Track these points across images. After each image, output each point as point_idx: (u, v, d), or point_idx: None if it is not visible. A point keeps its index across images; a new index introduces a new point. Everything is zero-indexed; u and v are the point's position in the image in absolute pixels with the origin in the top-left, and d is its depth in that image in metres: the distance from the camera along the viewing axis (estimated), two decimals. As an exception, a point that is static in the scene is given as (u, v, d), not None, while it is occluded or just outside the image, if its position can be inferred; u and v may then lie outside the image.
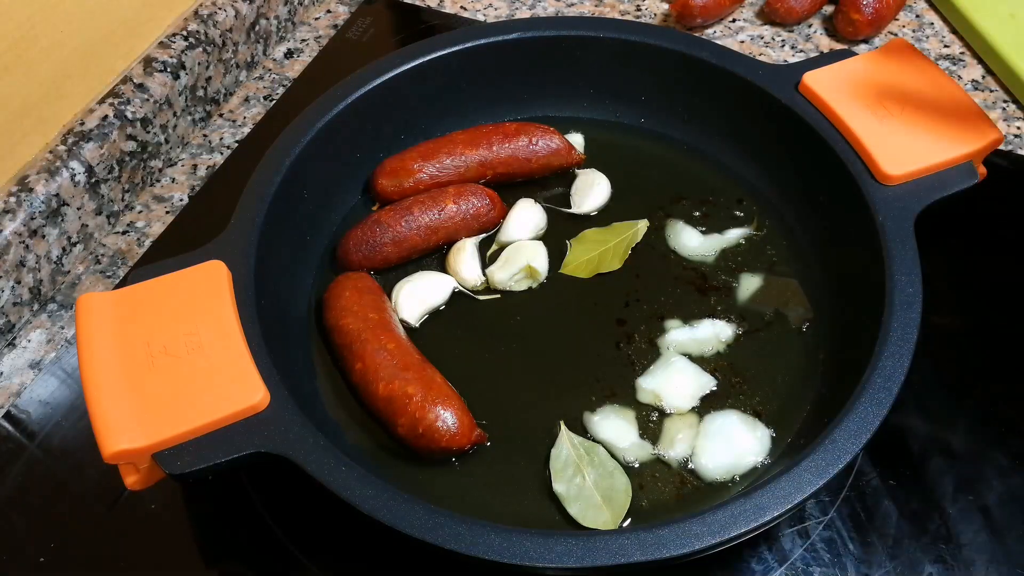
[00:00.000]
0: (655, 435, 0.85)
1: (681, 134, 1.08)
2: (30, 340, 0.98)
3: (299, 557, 0.81)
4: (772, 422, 0.85)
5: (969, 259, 1.01)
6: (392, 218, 0.96)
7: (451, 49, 1.04)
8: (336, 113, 0.98)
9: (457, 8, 1.35)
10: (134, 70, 1.09)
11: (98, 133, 1.03)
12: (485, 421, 0.85)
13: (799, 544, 0.81)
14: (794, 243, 0.99)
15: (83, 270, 1.04)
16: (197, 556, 0.83)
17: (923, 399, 0.89)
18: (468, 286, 0.97)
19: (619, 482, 0.81)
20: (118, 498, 0.85)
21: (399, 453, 0.84)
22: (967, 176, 0.89)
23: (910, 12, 1.30)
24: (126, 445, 0.70)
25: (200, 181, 1.13)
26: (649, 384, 0.88)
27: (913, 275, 0.82)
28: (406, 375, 0.83)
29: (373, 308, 0.89)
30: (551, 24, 1.08)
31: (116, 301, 0.79)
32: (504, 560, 0.67)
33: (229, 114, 1.21)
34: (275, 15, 1.27)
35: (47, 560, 0.82)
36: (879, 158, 0.89)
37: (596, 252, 0.99)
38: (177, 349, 0.76)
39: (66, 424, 0.90)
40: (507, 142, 1.02)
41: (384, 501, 0.69)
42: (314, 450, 0.72)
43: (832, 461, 0.71)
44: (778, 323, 0.93)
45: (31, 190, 0.97)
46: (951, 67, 1.22)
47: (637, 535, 0.68)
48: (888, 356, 0.77)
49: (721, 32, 1.29)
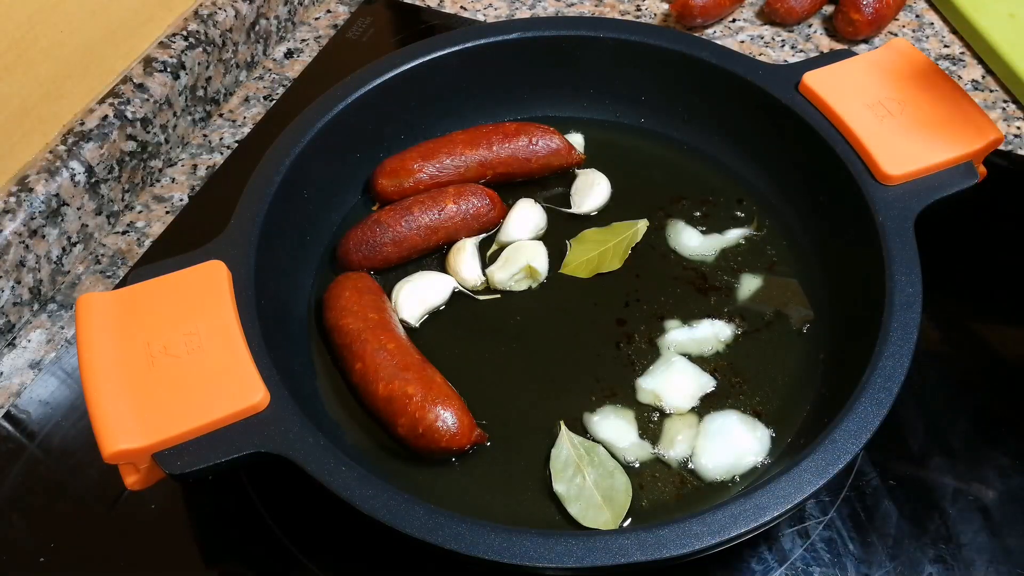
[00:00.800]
0: (655, 435, 0.85)
1: (681, 134, 1.08)
2: (30, 340, 0.98)
3: (299, 557, 0.81)
4: (772, 422, 0.85)
5: (969, 259, 1.01)
6: (392, 218, 0.96)
7: (451, 49, 1.04)
8: (336, 113, 0.98)
9: (457, 8, 1.35)
10: (134, 70, 1.09)
11: (98, 133, 1.03)
12: (485, 421, 0.85)
13: (799, 544, 0.81)
14: (794, 243, 0.99)
15: (83, 270, 1.04)
16: (197, 556, 0.83)
17: (923, 399, 0.89)
18: (468, 286, 0.97)
19: (619, 482, 0.81)
20: (118, 498, 0.85)
21: (399, 453, 0.84)
22: (967, 176, 0.89)
23: (910, 12, 1.30)
24: (126, 445, 0.70)
25: (200, 181, 1.13)
26: (649, 384, 0.88)
27: (913, 275, 0.82)
28: (406, 375, 0.83)
29: (373, 308, 0.89)
30: (551, 24, 1.08)
31: (116, 301, 0.79)
32: (504, 560, 0.67)
33: (229, 114, 1.21)
34: (275, 15, 1.27)
35: (47, 560, 0.82)
36: (879, 158, 0.89)
37: (596, 252, 0.99)
38: (177, 349, 0.76)
39: (66, 424, 0.91)
40: (507, 142, 1.02)
41: (384, 501, 0.69)
42: (314, 450, 0.72)
43: (832, 461, 0.71)
44: (778, 323, 0.93)
45: (31, 190, 0.97)
46: (951, 67, 1.22)
47: (637, 535, 0.68)
48: (888, 356, 0.77)
49: (721, 32, 1.29)
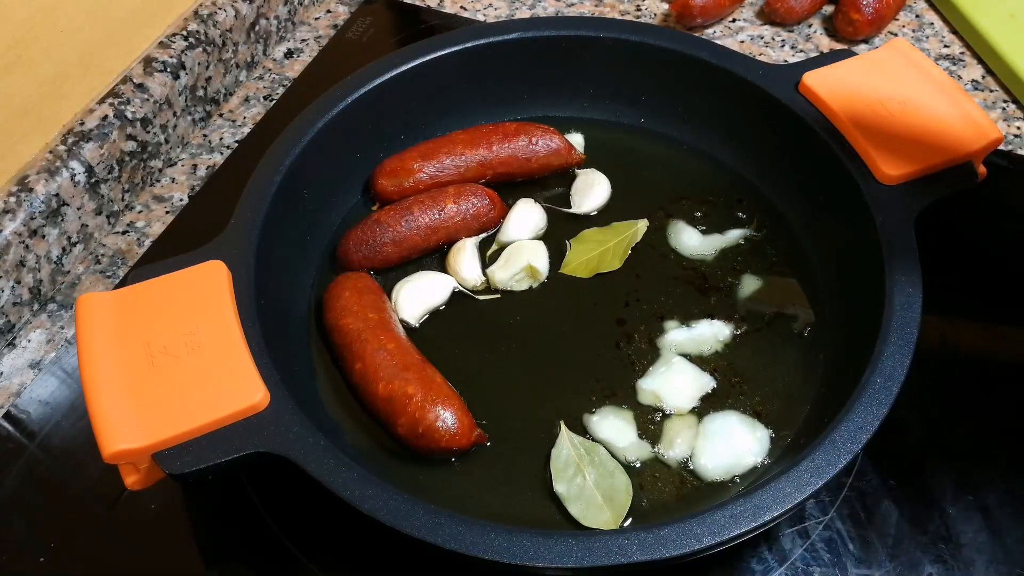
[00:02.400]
0: (655, 435, 0.85)
1: (681, 134, 1.08)
2: (30, 340, 0.98)
3: (299, 557, 0.81)
4: (772, 422, 0.85)
5: (969, 259, 1.01)
6: (392, 218, 0.96)
7: (451, 49, 1.04)
8: (336, 113, 0.98)
9: (457, 8, 1.35)
10: (134, 70, 1.09)
11: (98, 133, 1.03)
12: (485, 421, 0.85)
13: (799, 544, 0.81)
14: (794, 243, 0.99)
15: (83, 270, 1.04)
16: (197, 556, 0.83)
17: (923, 399, 0.89)
18: (468, 286, 0.97)
19: (620, 481, 0.81)
20: (118, 498, 0.85)
21: (399, 453, 0.84)
22: (967, 176, 0.89)
23: (910, 12, 1.30)
24: (126, 445, 0.70)
25: (200, 181, 1.13)
26: (649, 385, 0.88)
27: (913, 275, 0.82)
28: (406, 375, 0.83)
29: (373, 308, 0.89)
30: (551, 24, 1.08)
31: (116, 301, 0.79)
32: (504, 560, 0.67)
33: (229, 114, 1.21)
34: (275, 15, 1.27)
35: (47, 560, 0.82)
36: (879, 158, 0.89)
37: (596, 252, 0.99)
38: (177, 349, 0.76)
39: (66, 424, 0.90)
40: (507, 142, 1.02)
41: (384, 501, 0.69)
42: (314, 450, 0.72)
43: (832, 461, 0.71)
44: (778, 323, 0.93)
45: (31, 190, 0.97)
46: (951, 67, 1.22)
47: (637, 535, 0.68)
48: (888, 356, 0.77)
49: (721, 32, 1.29)
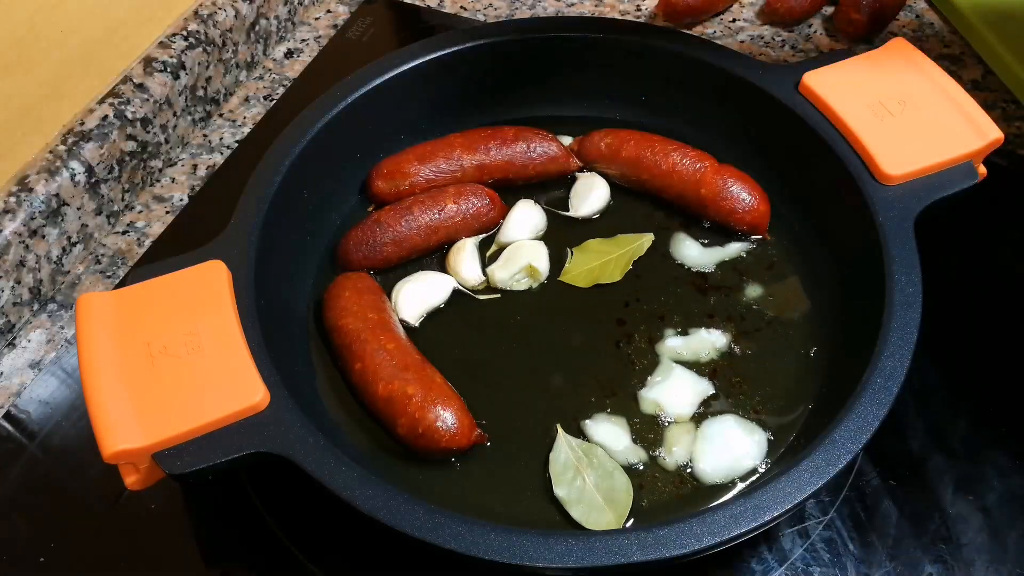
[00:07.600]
0: (654, 441, 0.85)
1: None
2: (30, 340, 0.98)
3: (299, 557, 0.81)
4: (771, 423, 0.85)
5: (969, 259, 1.01)
6: (392, 218, 0.96)
7: (450, 49, 1.04)
8: (336, 113, 0.98)
9: (457, 8, 1.35)
10: (134, 70, 1.09)
11: (98, 133, 1.03)
12: (485, 421, 0.85)
13: (799, 544, 0.81)
14: (794, 243, 0.99)
15: (83, 270, 1.04)
16: (197, 556, 0.83)
17: (923, 399, 0.89)
18: (468, 286, 0.97)
19: (619, 482, 0.81)
20: (118, 498, 0.85)
21: (399, 453, 0.84)
22: (967, 176, 0.89)
23: (910, 12, 1.30)
24: (126, 445, 0.70)
25: (200, 181, 1.13)
26: (651, 395, 0.87)
27: (913, 275, 0.82)
28: (406, 375, 0.83)
29: (373, 308, 0.89)
30: (551, 24, 1.08)
31: (116, 301, 0.79)
32: (504, 560, 0.67)
33: (229, 114, 1.21)
34: (275, 15, 1.27)
35: (47, 560, 0.82)
36: (879, 158, 0.89)
37: (598, 263, 0.97)
38: (177, 349, 0.76)
39: (66, 424, 0.91)
40: (505, 147, 1.02)
41: (384, 501, 0.69)
42: (314, 450, 0.72)
43: (832, 461, 0.71)
44: (778, 323, 0.93)
45: (31, 190, 0.97)
46: (951, 67, 1.22)
47: (637, 535, 0.68)
48: (888, 356, 0.77)
49: (721, 32, 1.29)
